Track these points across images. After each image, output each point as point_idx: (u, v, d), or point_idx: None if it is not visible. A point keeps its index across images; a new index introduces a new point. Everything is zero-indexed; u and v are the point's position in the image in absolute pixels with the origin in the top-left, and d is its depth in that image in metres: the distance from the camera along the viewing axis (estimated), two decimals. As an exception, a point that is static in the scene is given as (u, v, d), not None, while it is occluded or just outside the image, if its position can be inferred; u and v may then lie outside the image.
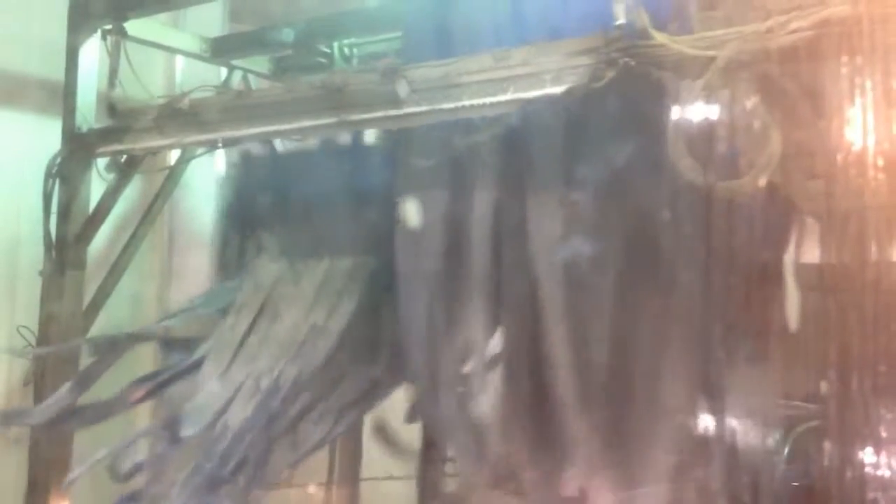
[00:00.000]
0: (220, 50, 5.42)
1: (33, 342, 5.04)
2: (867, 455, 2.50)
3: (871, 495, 2.49)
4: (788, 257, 3.01)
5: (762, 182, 2.77)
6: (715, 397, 3.25)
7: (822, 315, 2.63)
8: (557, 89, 3.44)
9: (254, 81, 5.58)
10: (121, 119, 4.96)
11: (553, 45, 3.53)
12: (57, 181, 4.99)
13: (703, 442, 3.31)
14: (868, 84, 2.55)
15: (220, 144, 4.85)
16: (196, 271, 5.80)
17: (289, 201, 4.73)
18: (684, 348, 3.34)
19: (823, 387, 2.55)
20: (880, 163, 2.54)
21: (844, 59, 2.57)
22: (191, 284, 5.79)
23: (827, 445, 2.53)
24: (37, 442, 4.88)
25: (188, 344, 4.69)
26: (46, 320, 4.97)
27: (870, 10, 2.53)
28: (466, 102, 3.69)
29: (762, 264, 3.05)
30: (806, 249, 2.91)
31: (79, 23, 4.98)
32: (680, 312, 3.33)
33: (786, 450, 3.13)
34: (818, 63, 2.68)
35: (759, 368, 3.18)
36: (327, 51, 5.10)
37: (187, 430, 4.22)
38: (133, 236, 5.30)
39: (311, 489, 5.93)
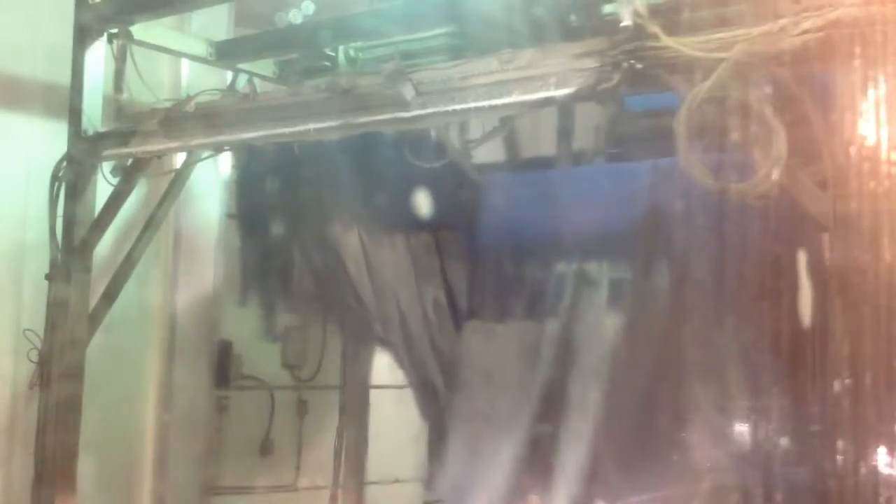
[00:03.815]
0: (225, 53, 5.42)
1: (39, 345, 5.05)
2: (880, 454, 2.49)
3: (884, 494, 2.48)
4: (801, 257, 3.02)
5: (771, 183, 2.76)
6: (731, 400, 3.27)
7: (833, 315, 2.63)
8: (563, 92, 3.43)
9: (259, 85, 5.59)
10: (127, 122, 4.97)
11: (558, 48, 3.52)
12: (63, 185, 5.00)
13: (718, 444, 3.33)
14: (880, 84, 2.54)
15: (226, 148, 4.86)
16: (201, 274, 5.81)
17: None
18: (698, 350, 3.37)
19: (836, 386, 2.54)
20: (894, 158, 2.52)
21: (856, 59, 2.56)
22: (196, 287, 5.80)
23: (839, 445, 2.52)
24: (43, 438, 4.88)
25: None
26: (52, 323, 4.97)
27: (882, 10, 2.52)
28: (472, 105, 3.68)
29: (775, 264, 3.05)
30: (817, 249, 2.90)
31: (85, 27, 4.98)
32: (696, 315, 3.37)
33: (797, 449, 3.14)
34: (829, 64, 2.66)
35: (771, 369, 3.20)
36: (332, 54, 5.10)
37: None
38: (139, 239, 5.30)
39: (317, 492, 5.94)
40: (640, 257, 3.79)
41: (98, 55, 5.00)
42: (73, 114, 4.97)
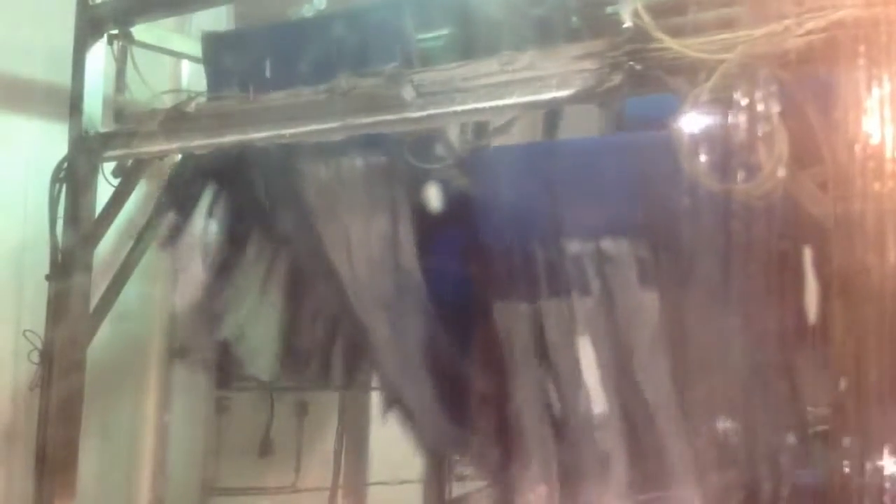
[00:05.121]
0: (225, 54, 5.42)
1: (39, 346, 5.05)
2: (885, 456, 2.50)
3: (890, 492, 2.48)
4: (807, 255, 3.01)
5: (774, 183, 2.77)
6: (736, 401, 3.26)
7: (836, 316, 2.63)
8: (563, 93, 3.44)
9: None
10: (128, 123, 4.98)
11: (559, 49, 3.53)
12: (63, 185, 5.01)
13: (724, 444, 3.33)
14: (884, 84, 2.54)
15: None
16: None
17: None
18: (706, 352, 3.36)
19: (842, 384, 2.55)
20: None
21: (859, 60, 2.56)
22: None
23: (843, 446, 2.52)
24: (43, 438, 4.89)
25: None
26: (52, 324, 4.97)
27: (886, 11, 2.52)
28: (472, 106, 3.69)
29: (781, 264, 3.05)
30: (818, 250, 2.91)
31: (85, 28, 4.98)
32: (704, 316, 3.36)
33: (802, 451, 3.14)
34: (832, 65, 2.66)
35: (778, 370, 3.19)
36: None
37: None
38: (139, 240, 5.30)
39: (318, 493, 5.93)
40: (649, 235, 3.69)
41: (99, 56, 5.01)
42: (74, 115, 4.97)
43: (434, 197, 4.20)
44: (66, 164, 5.02)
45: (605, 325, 3.77)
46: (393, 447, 5.72)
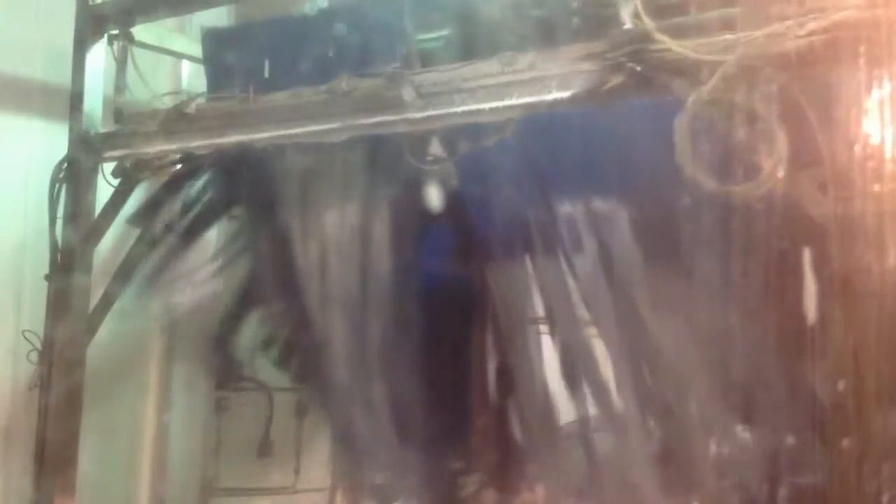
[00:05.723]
0: (225, 55, 5.42)
1: (38, 346, 5.05)
2: (884, 454, 2.51)
3: (888, 493, 2.49)
4: (807, 256, 3.02)
5: (773, 184, 2.78)
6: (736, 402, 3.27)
7: (836, 317, 2.64)
8: (563, 94, 3.45)
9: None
10: (127, 124, 4.98)
11: (559, 50, 3.55)
12: (63, 185, 5.02)
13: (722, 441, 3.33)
14: (885, 86, 2.55)
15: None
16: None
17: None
18: (705, 353, 3.36)
19: (841, 384, 2.56)
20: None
21: (859, 60, 2.58)
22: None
23: (842, 446, 2.53)
24: (43, 439, 4.89)
25: None
26: (52, 324, 4.97)
27: (887, 13, 2.53)
28: (473, 107, 3.70)
29: (780, 265, 3.06)
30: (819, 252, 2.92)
31: (85, 28, 4.98)
32: (702, 317, 3.35)
33: (802, 450, 3.14)
34: (832, 66, 2.68)
35: (775, 369, 3.20)
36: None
37: None
38: (139, 239, 5.30)
39: (317, 494, 5.93)
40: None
41: (99, 56, 5.01)
42: (74, 115, 4.97)
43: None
44: (66, 164, 5.02)
45: (605, 282, 3.73)
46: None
